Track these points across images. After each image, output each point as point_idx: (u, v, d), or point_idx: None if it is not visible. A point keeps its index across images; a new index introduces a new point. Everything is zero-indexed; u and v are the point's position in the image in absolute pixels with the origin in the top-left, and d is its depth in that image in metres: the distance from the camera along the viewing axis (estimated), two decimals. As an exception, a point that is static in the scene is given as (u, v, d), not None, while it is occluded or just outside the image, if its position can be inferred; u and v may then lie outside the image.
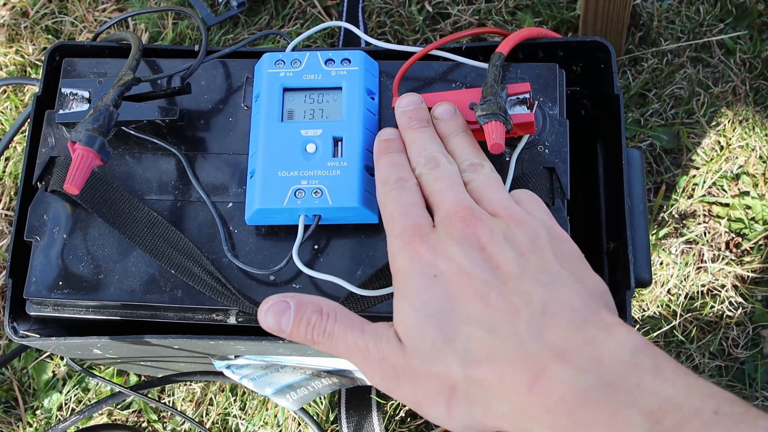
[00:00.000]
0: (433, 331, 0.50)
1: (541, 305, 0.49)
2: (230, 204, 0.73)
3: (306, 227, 0.68)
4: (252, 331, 0.73)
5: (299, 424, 1.12)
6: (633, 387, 0.44)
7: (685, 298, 1.13)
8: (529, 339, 0.47)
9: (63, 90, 0.74)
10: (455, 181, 0.59)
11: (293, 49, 0.76)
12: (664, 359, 0.46)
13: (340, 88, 0.71)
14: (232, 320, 0.72)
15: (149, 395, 1.09)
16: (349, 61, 0.72)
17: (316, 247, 0.71)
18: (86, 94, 0.74)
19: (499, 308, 0.49)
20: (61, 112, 0.74)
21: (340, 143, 0.69)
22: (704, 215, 1.16)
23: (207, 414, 1.13)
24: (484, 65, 0.74)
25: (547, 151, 0.72)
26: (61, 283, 0.72)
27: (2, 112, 1.26)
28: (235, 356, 0.87)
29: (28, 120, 0.77)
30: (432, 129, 0.66)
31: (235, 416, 1.13)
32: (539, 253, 0.53)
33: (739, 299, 1.12)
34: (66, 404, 1.14)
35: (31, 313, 0.74)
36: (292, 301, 0.55)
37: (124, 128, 0.74)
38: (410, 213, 0.57)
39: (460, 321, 0.50)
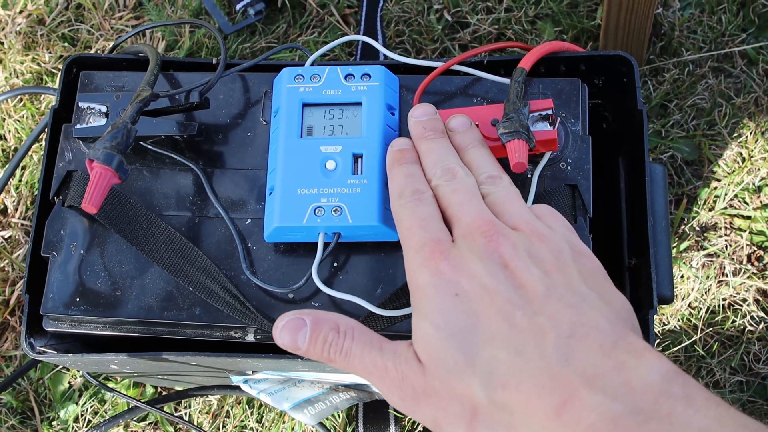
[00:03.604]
0: (454, 351, 0.48)
1: (569, 327, 0.47)
2: (249, 220, 0.72)
3: (325, 245, 0.67)
4: (270, 348, 0.73)
5: (316, 437, 1.11)
6: (664, 416, 0.43)
7: (707, 312, 1.11)
8: (557, 363, 0.46)
9: (80, 104, 0.74)
10: (474, 193, 0.57)
11: (312, 64, 0.76)
12: (696, 387, 0.45)
13: (360, 104, 0.71)
14: (250, 338, 0.72)
15: (165, 408, 1.09)
16: (370, 76, 0.72)
17: (335, 264, 0.70)
18: (104, 109, 0.73)
19: (524, 329, 0.48)
20: (78, 126, 0.73)
21: (360, 160, 0.68)
22: (725, 228, 1.15)
23: (224, 426, 1.13)
24: (506, 80, 0.73)
25: (569, 168, 0.71)
26: (78, 299, 0.71)
27: (19, 121, 1.26)
28: (252, 371, 0.87)
29: (45, 132, 0.77)
30: (447, 140, 0.64)
31: (251, 429, 1.12)
32: (564, 270, 0.51)
33: (761, 313, 1.10)
34: (82, 415, 1.14)
35: (48, 329, 0.74)
36: (308, 318, 0.54)
37: (141, 143, 0.74)
38: (428, 227, 0.55)
39: (483, 341, 0.48)
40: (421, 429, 1.10)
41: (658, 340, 1.10)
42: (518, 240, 0.53)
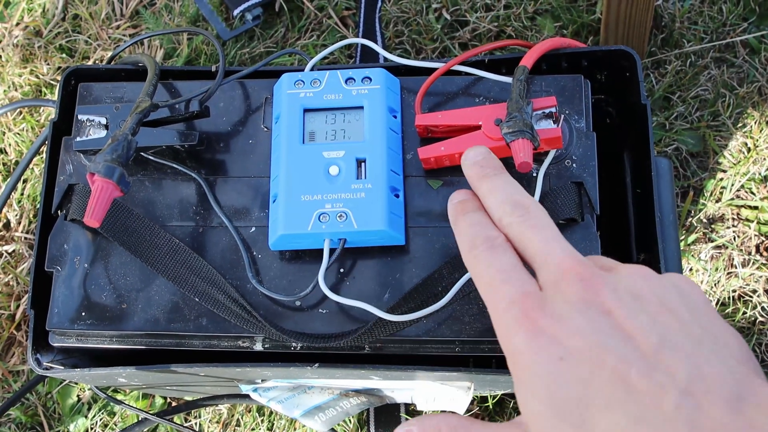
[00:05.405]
0: (570, 429, 0.42)
1: (689, 383, 0.41)
2: (253, 228, 0.71)
3: (331, 251, 0.67)
4: (279, 356, 0.72)
5: (327, 443, 1.11)
6: None
7: (717, 304, 1.10)
8: (684, 426, 0.40)
9: (79, 117, 0.73)
10: (554, 228, 0.50)
11: (312, 68, 0.75)
12: None
13: (362, 108, 0.70)
14: (258, 347, 0.71)
15: (175, 419, 1.08)
16: (370, 79, 0.71)
17: (341, 270, 0.69)
18: (103, 120, 0.73)
19: (642, 390, 0.41)
20: (78, 139, 0.73)
21: (363, 164, 0.68)
22: (733, 219, 1.14)
23: (234, 434, 1.12)
24: (508, 79, 0.72)
25: (574, 165, 0.71)
26: (83, 313, 0.71)
27: (19, 134, 1.26)
28: (262, 380, 0.86)
29: (45, 146, 0.76)
30: (509, 175, 0.56)
31: (262, 436, 1.12)
32: (673, 312, 0.44)
33: (772, 304, 1.10)
34: (92, 429, 1.13)
35: (55, 344, 0.73)
36: (415, 428, 0.50)
37: (142, 154, 0.73)
38: (512, 278, 0.48)
39: (599, 409, 0.41)
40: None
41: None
42: (618, 282, 0.46)
